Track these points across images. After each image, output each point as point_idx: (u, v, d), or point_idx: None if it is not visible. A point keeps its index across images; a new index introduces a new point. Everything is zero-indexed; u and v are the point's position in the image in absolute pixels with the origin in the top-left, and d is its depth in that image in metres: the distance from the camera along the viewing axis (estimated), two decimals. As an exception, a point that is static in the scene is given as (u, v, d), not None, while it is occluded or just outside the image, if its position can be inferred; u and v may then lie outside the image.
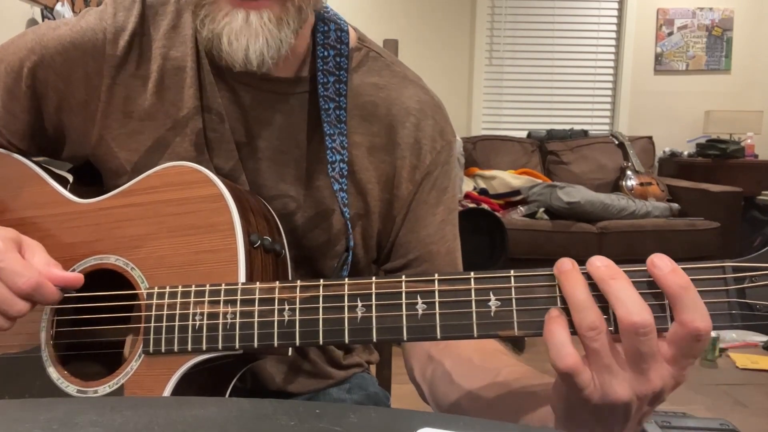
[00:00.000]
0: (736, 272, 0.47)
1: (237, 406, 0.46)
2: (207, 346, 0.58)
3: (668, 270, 0.46)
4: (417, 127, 0.76)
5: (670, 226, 3.43)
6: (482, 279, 0.52)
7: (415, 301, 0.52)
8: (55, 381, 0.64)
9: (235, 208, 0.62)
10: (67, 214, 0.68)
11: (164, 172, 0.66)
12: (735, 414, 2.17)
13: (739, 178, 3.88)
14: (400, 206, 0.77)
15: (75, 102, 0.72)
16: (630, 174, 3.86)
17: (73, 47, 0.71)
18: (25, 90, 0.72)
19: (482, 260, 3.12)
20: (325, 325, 0.54)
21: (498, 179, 3.78)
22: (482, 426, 0.44)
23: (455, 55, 4.48)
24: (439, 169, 0.77)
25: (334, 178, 0.70)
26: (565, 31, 4.50)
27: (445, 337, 0.52)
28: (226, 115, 0.73)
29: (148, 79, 0.72)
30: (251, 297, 0.57)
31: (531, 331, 0.50)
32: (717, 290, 0.47)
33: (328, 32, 0.74)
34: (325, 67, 0.72)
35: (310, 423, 0.42)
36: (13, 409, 0.45)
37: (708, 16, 4.53)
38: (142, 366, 0.61)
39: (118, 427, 0.41)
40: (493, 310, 0.51)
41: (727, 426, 1.05)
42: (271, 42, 0.62)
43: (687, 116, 4.51)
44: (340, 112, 0.72)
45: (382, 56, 0.78)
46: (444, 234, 0.78)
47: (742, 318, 0.46)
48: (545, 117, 4.52)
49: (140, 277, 0.63)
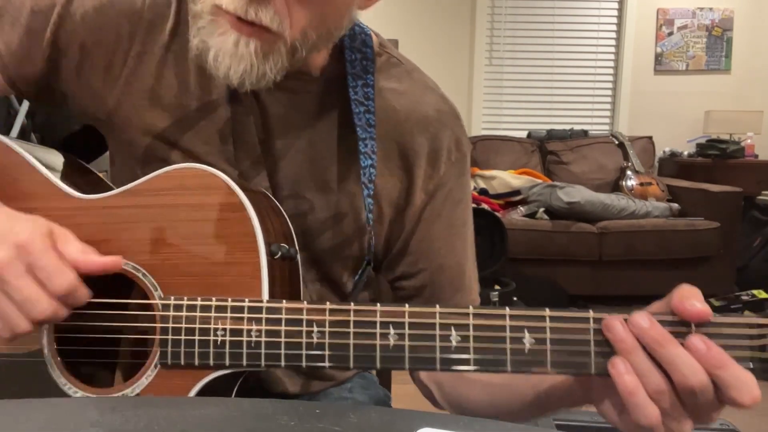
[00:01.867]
0: (761, 328, 0.49)
1: (237, 406, 0.46)
2: (230, 362, 0.57)
3: (704, 352, 0.48)
4: (435, 136, 0.75)
5: (670, 226, 3.42)
6: (517, 317, 0.52)
7: (449, 332, 0.53)
8: (62, 386, 0.62)
9: (257, 220, 0.60)
10: (66, 209, 0.64)
11: (176, 174, 0.63)
12: (735, 414, 2.16)
13: (739, 178, 3.87)
14: (411, 214, 0.75)
15: (99, 62, 0.71)
16: (630, 174, 3.85)
17: (111, 6, 0.70)
18: (48, 36, 0.70)
19: (482, 260, 3.11)
20: (356, 351, 0.54)
21: (498, 179, 3.78)
22: (482, 426, 0.44)
23: (455, 55, 4.47)
24: (454, 181, 0.76)
25: (364, 183, 0.69)
26: (565, 31, 4.49)
27: (479, 369, 0.53)
28: (252, 108, 0.72)
29: (181, 55, 0.71)
30: (278, 316, 0.56)
31: (564, 369, 0.52)
32: (741, 345, 0.49)
33: (354, 36, 0.73)
34: (353, 71, 0.72)
35: (310, 423, 0.42)
36: (13, 409, 0.45)
37: (708, 16, 4.53)
38: (158, 377, 0.59)
39: (118, 427, 0.41)
40: (527, 347, 0.52)
41: (727, 426, 1.05)
42: (253, 71, 0.61)
43: (687, 116, 4.51)
44: (369, 116, 0.71)
45: (402, 62, 0.77)
46: (454, 247, 0.77)
47: (762, 371, 0.49)
48: (545, 117, 4.51)
49: (153, 284, 0.60)
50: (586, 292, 3.36)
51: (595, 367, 0.51)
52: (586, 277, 3.40)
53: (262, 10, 0.58)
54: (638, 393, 0.48)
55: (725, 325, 0.50)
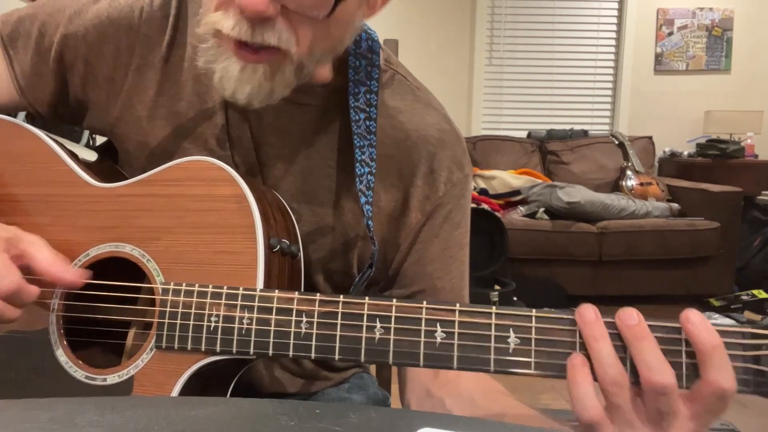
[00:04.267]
0: (754, 338, 0.48)
1: (237, 406, 0.46)
2: (221, 348, 0.58)
3: (703, 327, 0.47)
4: (434, 156, 0.74)
5: (670, 226, 3.42)
6: (503, 315, 0.52)
7: (435, 328, 0.53)
8: (63, 365, 0.64)
9: (258, 211, 0.62)
10: (83, 197, 0.67)
11: (187, 166, 0.65)
12: (735, 414, 2.16)
13: (739, 178, 3.88)
14: (406, 234, 0.74)
15: (101, 77, 0.73)
16: (630, 174, 3.86)
17: (109, 22, 0.71)
18: (55, 56, 0.73)
19: (482, 260, 3.12)
20: (342, 342, 0.55)
21: (498, 179, 3.78)
22: (482, 426, 0.44)
23: (455, 55, 4.47)
24: (453, 203, 0.75)
25: (361, 191, 0.68)
26: (565, 31, 4.50)
27: (462, 367, 0.52)
28: (248, 116, 0.72)
29: (178, 66, 0.72)
30: (269, 305, 0.57)
31: (547, 372, 0.51)
32: (734, 354, 0.48)
33: (359, 41, 0.72)
34: (356, 77, 0.71)
35: (310, 423, 0.42)
36: (14, 409, 0.45)
37: (708, 16, 4.53)
38: (153, 360, 0.61)
39: (118, 427, 0.41)
40: (511, 347, 0.51)
41: (727, 426, 1.05)
42: (261, 90, 0.61)
43: (687, 116, 4.51)
44: (370, 122, 0.70)
45: (407, 80, 0.77)
46: (450, 270, 0.75)
47: (755, 384, 0.48)
48: (545, 117, 4.51)
49: (156, 269, 0.63)
50: (586, 292, 3.36)
51: None
52: (586, 277, 3.41)
53: (267, 32, 0.57)
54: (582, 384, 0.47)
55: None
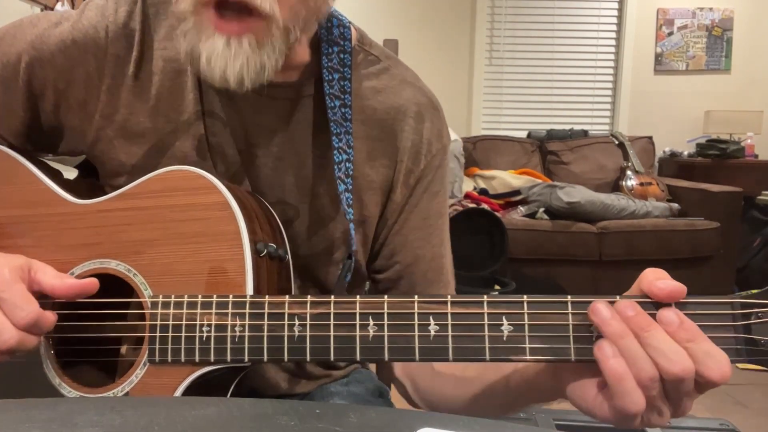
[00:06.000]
0: (744, 308, 0.48)
1: (237, 406, 0.46)
2: (215, 358, 0.57)
3: (676, 326, 0.47)
4: (415, 130, 0.75)
5: (670, 226, 3.42)
6: (495, 303, 0.52)
7: (428, 322, 0.53)
8: (57, 387, 0.63)
9: (242, 217, 0.61)
10: (64, 215, 0.66)
11: (167, 176, 0.64)
12: (735, 414, 2.17)
13: (739, 178, 3.87)
14: (393, 210, 0.76)
15: (74, 101, 0.71)
16: (630, 174, 3.85)
17: (75, 46, 0.69)
18: (21, 86, 0.70)
19: (482, 260, 3.12)
20: (336, 342, 0.55)
21: (498, 179, 3.78)
22: (482, 426, 0.44)
23: (455, 55, 4.47)
24: (433, 174, 0.77)
25: (339, 178, 0.69)
26: (565, 31, 4.50)
27: (457, 359, 0.52)
28: (227, 121, 0.72)
29: (149, 81, 0.71)
30: (260, 311, 0.57)
31: (543, 357, 0.51)
32: (725, 325, 0.48)
33: (331, 28, 0.73)
34: (329, 64, 0.71)
35: (310, 423, 0.42)
36: (13, 409, 0.45)
37: (708, 16, 4.53)
38: (147, 375, 0.60)
39: (118, 427, 0.41)
40: (505, 334, 0.51)
41: (727, 426, 1.05)
42: (250, 65, 0.61)
43: (687, 116, 4.51)
44: (346, 110, 0.71)
45: (379, 59, 0.77)
46: (430, 238, 0.77)
47: (747, 353, 0.48)
48: (545, 117, 4.51)
49: (143, 283, 0.62)
50: (586, 292, 3.35)
51: (575, 353, 0.50)
52: (586, 277, 3.40)
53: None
54: (627, 378, 0.47)
55: (705, 305, 0.49)
